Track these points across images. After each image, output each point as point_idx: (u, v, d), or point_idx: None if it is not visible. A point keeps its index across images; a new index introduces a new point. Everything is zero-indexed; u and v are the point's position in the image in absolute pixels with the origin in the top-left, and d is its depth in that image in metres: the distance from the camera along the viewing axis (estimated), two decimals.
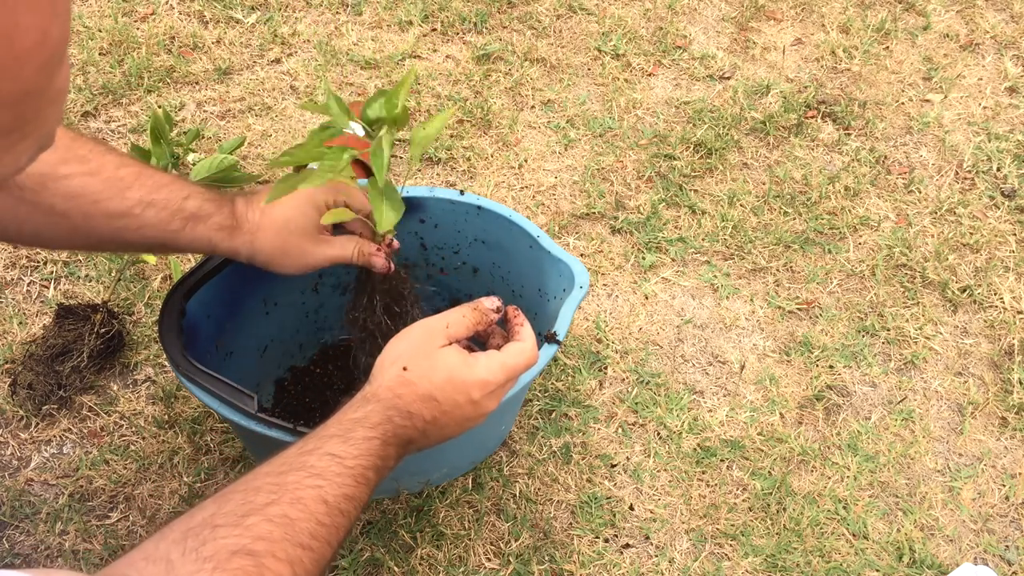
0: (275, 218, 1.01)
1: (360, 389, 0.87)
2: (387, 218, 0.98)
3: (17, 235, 0.95)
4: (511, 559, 1.19)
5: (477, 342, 0.93)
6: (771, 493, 1.26)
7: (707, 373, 1.41)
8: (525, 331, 0.91)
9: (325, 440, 0.81)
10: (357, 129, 1.51)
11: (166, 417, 1.31)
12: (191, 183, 1.00)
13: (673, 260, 1.54)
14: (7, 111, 0.43)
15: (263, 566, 0.70)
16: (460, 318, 0.88)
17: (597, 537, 1.22)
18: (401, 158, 1.67)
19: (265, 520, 0.72)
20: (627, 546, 1.22)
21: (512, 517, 1.23)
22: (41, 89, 0.45)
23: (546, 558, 1.19)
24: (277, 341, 1.31)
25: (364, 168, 1.51)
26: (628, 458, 1.30)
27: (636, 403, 1.35)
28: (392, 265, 1.04)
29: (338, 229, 1.07)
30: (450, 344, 0.87)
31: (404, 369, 0.85)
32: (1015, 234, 1.60)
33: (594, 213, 1.60)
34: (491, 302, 0.90)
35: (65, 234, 0.95)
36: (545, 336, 1.08)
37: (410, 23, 1.93)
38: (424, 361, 0.85)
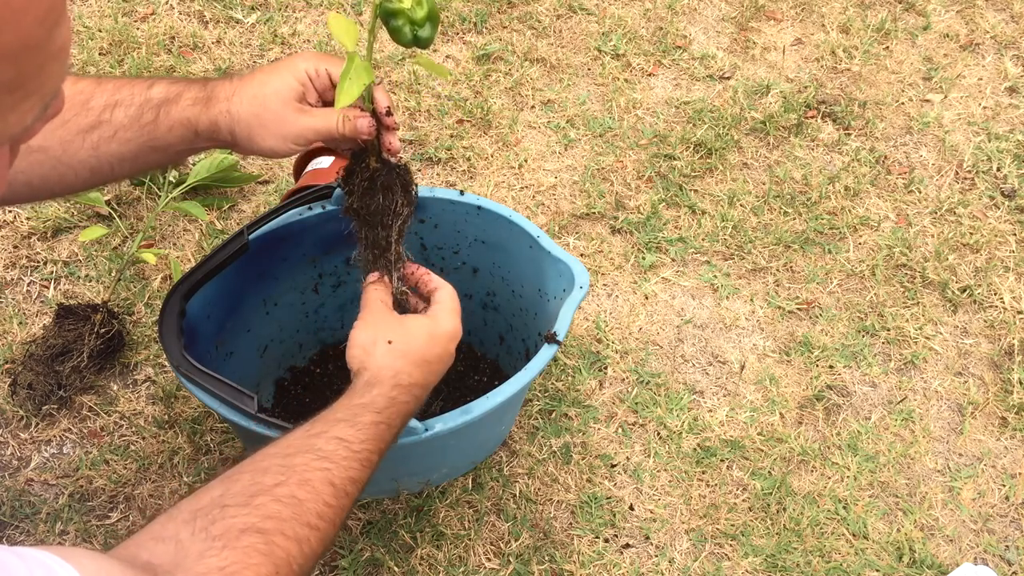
0: (252, 83, 0.95)
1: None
2: (347, 89, 0.86)
3: (9, 193, 0.94)
4: (511, 559, 1.19)
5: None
6: (771, 493, 1.26)
7: (707, 373, 1.41)
8: (432, 278, 0.99)
9: (332, 424, 0.83)
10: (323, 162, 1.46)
11: (166, 417, 1.31)
12: (157, 77, 0.97)
13: (673, 260, 1.54)
14: (8, 65, 0.44)
15: (272, 543, 0.71)
16: (377, 288, 0.96)
17: (597, 537, 1.22)
18: (401, 159, 1.67)
19: (274, 500, 0.74)
20: (627, 546, 1.22)
21: (512, 517, 1.23)
22: (41, 43, 0.45)
23: (546, 558, 1.19)
24: (277, 341, 1.31)
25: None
26: (628, 458, 1.30)
27: (636, 403, 1.35)
28: (391, 143, 0.97)
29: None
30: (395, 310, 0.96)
31: (390, 343, 0.90)
32: (1015, 234, 1.60)
33: (594, 213, 1.60)
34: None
35: (52, 173, 0.93)
36: (545, 336, 1.09)
37: None
38: (401, 330, 0.91)
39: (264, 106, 0.93)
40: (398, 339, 0.90)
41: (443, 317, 0.94)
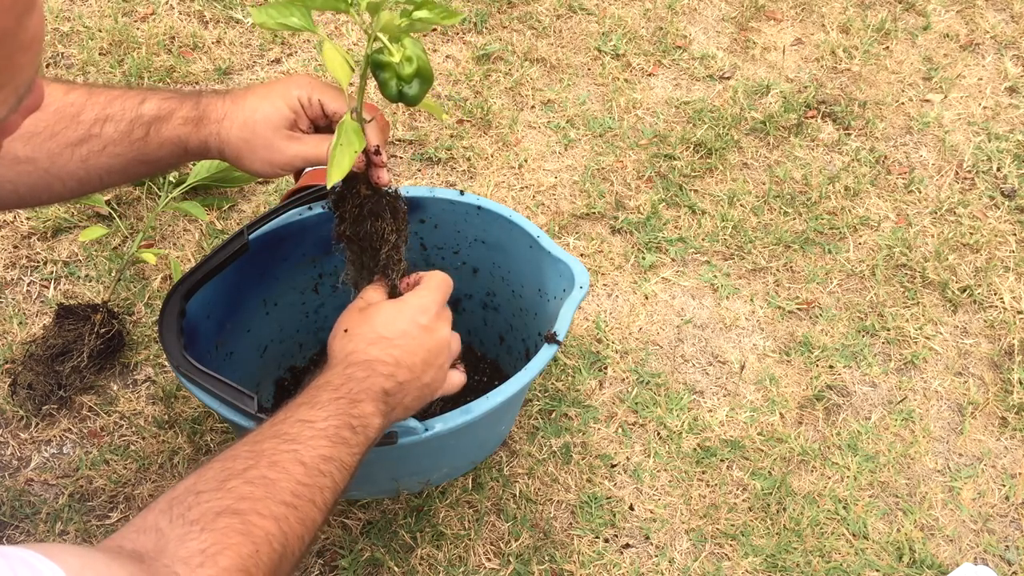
0: (244, 107, 0.95)
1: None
2: (337, 161, 0.85)
3: None
4: (511, 559, 1.19)
5: None
6: (771, 493, 1.26)
7: (707, 373, 1.41)
8: (418, 274, 0.99)
9: (295, 409, 0.85)
10: None
11: (166, 417, 1.31)
12: (150, 88, 0.97)
13: (673, 260, 1.54)
14: None
15: (249, 523, 0.72)
16: (371, 286, 0.98)
17: (597, 537, 1.22)
18: (401, 158, 1.67)
19: (245, 482, 0.75)
20: (627, 546, 1.22)
21: (512, 517, 1.23)
22: (9, 33, 0.45)
23: (546, 558, 1.19)
24: (277, 341, 1.31)
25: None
26: (628, 458, 1.30)
27: (636, 403, 1.35)
28: (378, 177, 0.96)
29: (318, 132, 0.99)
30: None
31: (345, 331, 0.92)
32: (1015, 234, 1.60)
33: (594, 213, 1.60)
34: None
35: (40, 183, 0.93)
36: (545, 336, 1.09)
37: None
38: (360, 317, 0.93)
39: (254, 132, 0.95)
40: (352, 325, 0.93)
41: (411, 297, 0.95)
